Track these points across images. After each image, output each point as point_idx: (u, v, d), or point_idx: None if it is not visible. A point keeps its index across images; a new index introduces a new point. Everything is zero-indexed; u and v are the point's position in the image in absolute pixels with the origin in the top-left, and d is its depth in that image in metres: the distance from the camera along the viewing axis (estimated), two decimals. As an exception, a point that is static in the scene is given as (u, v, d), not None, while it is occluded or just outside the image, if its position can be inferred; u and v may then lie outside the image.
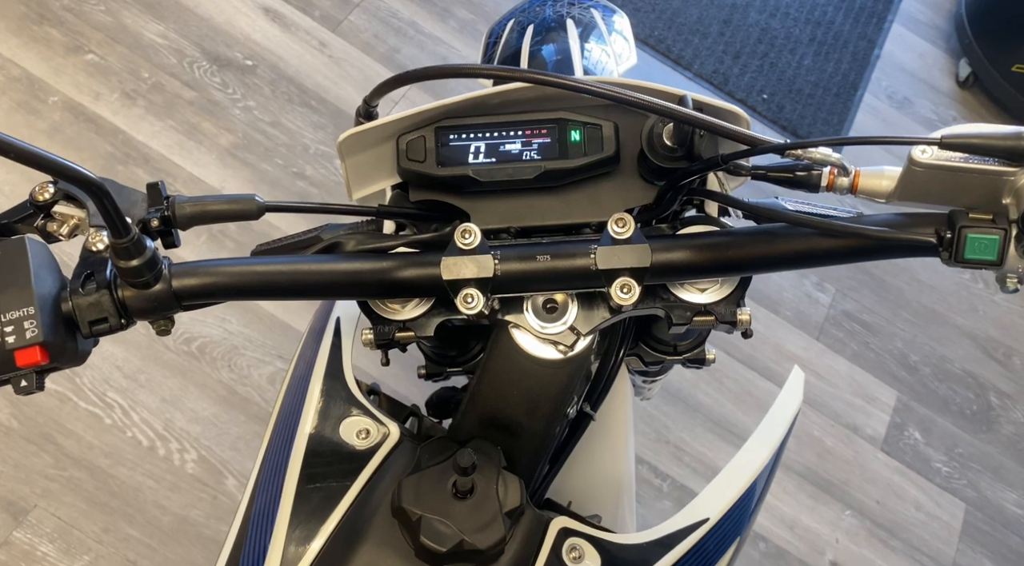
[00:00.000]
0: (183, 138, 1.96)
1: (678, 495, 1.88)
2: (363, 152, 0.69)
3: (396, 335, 0.69)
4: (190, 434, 1.69)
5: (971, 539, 2.01)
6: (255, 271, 0.61)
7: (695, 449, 1.94)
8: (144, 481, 1.64)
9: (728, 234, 0.64)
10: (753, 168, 0.64)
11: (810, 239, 0.62)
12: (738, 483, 0.77)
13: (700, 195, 0.69)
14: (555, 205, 0.69)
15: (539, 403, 0.71)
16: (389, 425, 0.73)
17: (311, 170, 2.00)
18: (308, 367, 0.79)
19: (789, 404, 0.84)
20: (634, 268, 0.62)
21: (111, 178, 0.64)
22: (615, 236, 0.62)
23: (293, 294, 0.64)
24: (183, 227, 0.63)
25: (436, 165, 0.67)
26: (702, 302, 0.68)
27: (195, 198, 0.64)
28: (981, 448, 2.13)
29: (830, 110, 2.52)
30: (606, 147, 0.67)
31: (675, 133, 0.64)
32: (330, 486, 0.69)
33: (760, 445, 0.80)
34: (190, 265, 0.61)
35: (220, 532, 1.64)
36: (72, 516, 1.58)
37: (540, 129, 0.67)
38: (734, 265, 0.64)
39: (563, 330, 0.67)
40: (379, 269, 0.64)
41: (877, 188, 0.62)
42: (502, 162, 0.67)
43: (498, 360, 0.70)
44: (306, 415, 0.74)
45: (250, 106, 2.04)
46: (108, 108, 1.95)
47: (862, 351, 2.18)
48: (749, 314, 0.67)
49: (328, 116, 2.08)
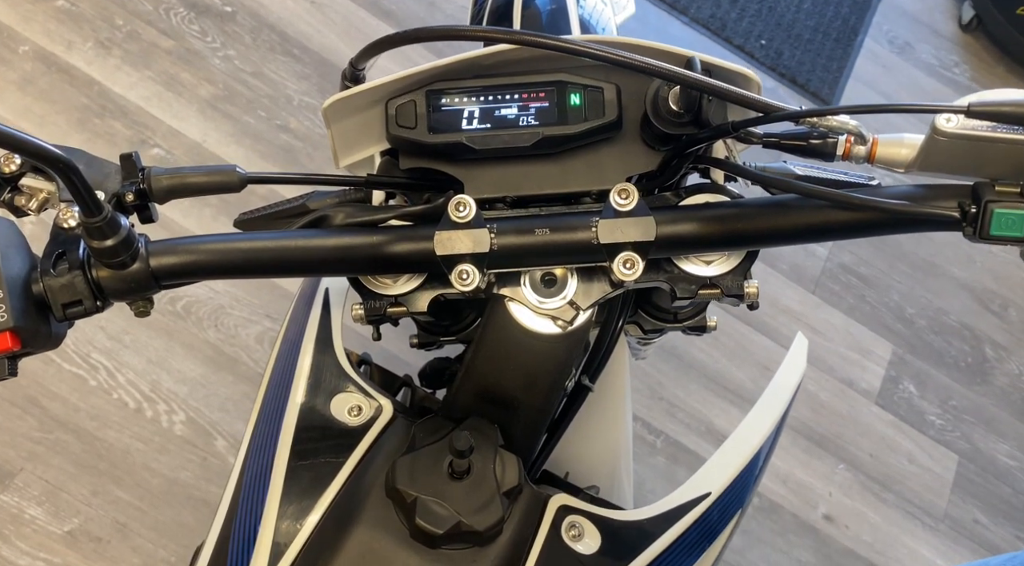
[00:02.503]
0: (161, 89, 1.89)
1: (672, 452, 1.87)
2: (350, 118, 0.64)
3: (387, 310, 0.65)
4: (178, 395, 1.66)
5: (962, 491, 2.02)
6: (238, 248, 0.58)
7: (689, 405, 1.93)
8: (132, 443, 1.61)
9: (737, 205, 0.60)
10: (765, 135, 0.60)
11: (824, 211, 0.58)
12: (740, 456, 0.74)
13: (707, 163, 0.66)
14: (553, 173, 0.65)
15: (536, 378, 0.68)
16: (382, 401, 0.70)
17: (295, 122, 1.94)
18: (297, 338, 0.75)
19: (792, 372, 0.81)
20: (638, 242, 0.58)
21: (81, 149, 0.60)
22: (618, 208, 0.58)
23: (278, 271, 0.60)
24: (160, 201, 0.59)
25: (427, 131, 0.63)
26: (708, 275, 0.64)
27: (172, 170, 0.59)
28: (975, 400, 2.13)
29: (829, 56, 2.46)
30: (607, 112, 0.63)
31: (682, 97, 0.60)
32: (321, 464, 0.67)
33: (763, 416, 0.77)
34: (169, 243, 0.57)
35: (211, 494, 1.62)
36: (60, 479, 1.56)
37: (538, 92, 0.63)
38: (744, 238, 0.60)
39: (562, 305, 0.63)
40: (369, 244, 0.60)
41: (896, 157, 0.58)
42: (497, 128, 0.63)
43: (494, 334, 0.67)
44: (296, 390, 0.70)
45: (230, 55, 1.97)
46: (82, 58, 1.87)
47: (858, 304, 2.16)
48: (757, 286, 0.64)
49: (312, 66, 2.01)
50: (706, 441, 1.90)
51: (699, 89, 0.56)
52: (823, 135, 0.58)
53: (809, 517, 1.90)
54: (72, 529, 1.53)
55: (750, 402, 1.97)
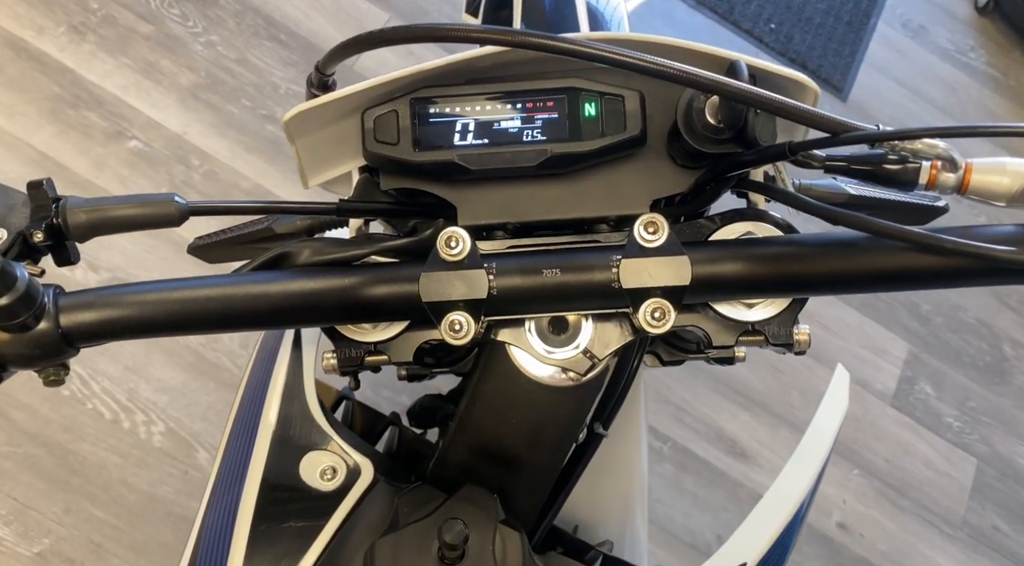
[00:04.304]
0: (139, 78, 1.78)
1: (679, 459, 1.78)
2: (319, 131, 0.54)
3: (365, 360, 0.55)
4: (157, 405, 1.56)
5: (981, 496, 1.94)
6: (175, 299, 0.47)
7: (697, 409, 1.83)
8: (108, 457, 1.51)
9: (791, 243, 0.50)
10: (827, 158, 0.49)
11: (903, 254, 0.47)
12: (779, 517, 0.64)
13: (753, 188, 0.55)
14: (563, 195, 0.55)
15: (543, 433, 0.58)
16: (360, 461, 0.60)
17: (282, 112, 1.82)
18: (263, 381, 0.65)
19: (834, 413, 0.72)
20: (669, 287, 0.48)
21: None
22: (644, 244, 0.48)
23: (227, 325, 0.49)
24: (80, 239, 0.49)
25: (412, 148, 0.53)
26: (750, 319, 0.54)
27: (95, 201, 0.49)
28: (994, 401, 2.04)
29: (841, 40, 2.35)
30: (629, 125, 0.52)
31: (723, 110, 0.50)
32: (288, 541, 0.57)
33: (802, 468, 0.67)
34: (87, 295, 0.47)
35: (192, 510, 1.52)
36: (29, 496, 1.46)
37: (545, 101, 0.52)
38: (800, 283, 0.50)
39: (574, 355, 0.53)
40: (340, 288, 0.50)
41: (996, 188, 0.46)
42: (497, 145, 0.52)
43: (492, 382, 0.57)
44: (259, 447, 0.60)
45: (213, 41, 1.86)
46: (54, 44, 1.76)
47: (872, 301, 2.06)
48: (808, 333, 0.54)
49: (299, 51, 1.90)
50: (715, 447, 1.81)
51: (749, 103, 0.46)
52: (902, 159, 0.47)
53: (823, 525, 1.82)
54: (42, 550, 1.44)
55: (760, 406, 1.90)
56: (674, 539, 1.71)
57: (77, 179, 1.67)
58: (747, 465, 1.82)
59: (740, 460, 1.82)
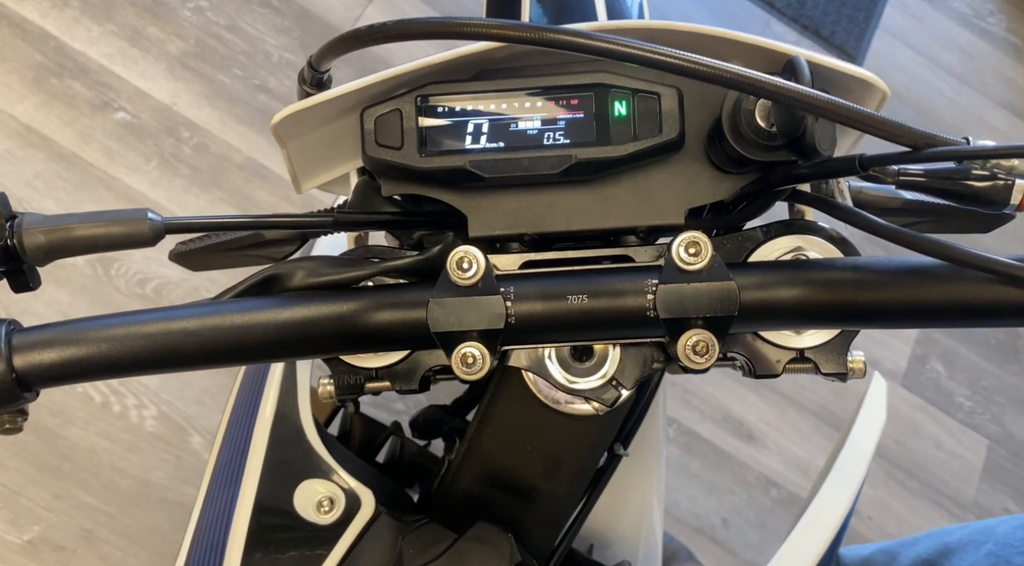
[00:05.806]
0: (126, 45, 1.70)
1: (685, 441, 1.74)
2: (312, 132, 0.48)
3: (366, 387, 0.50)
4: (148, 388, 1.51)
5: (992, 477, 1.90)
6: (147, 334, 0.41)
7: (703, 390, 1.79)
8: (98, 442, 1.47)
9: (854, 268, 0.43)
10: (900, 172, 0.43)
11: (991, 287, 0.40)
12: (818, 542, 0.59)
13: (808, 203, 0.48)
14: (587, 203, 0.48)
15: (562, 463, 0.53)
16: (359, 491, 0.55)
17: (274, 82, 1.76)
18: (253, 399, 0.60)
19: (872, 428, 0.66)
20: (713, 318, 0.42)
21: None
22: (684, 267, 0.42)
23: (209, 361, 0.43)
24: (39, 262, 0.43)
25: (418, 153, 0.46)
26: (799, 347, 0.48)
27: (56, 219, 0.43)
28: (1006, 380, 2.00)
29: (855, 5, 2.26)
30: (666, 127, 0.46)
31: (778, 113, 0.43)
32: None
33: (840, 488, 0.62)
34: (46, 332, 0.41)
35: (186, 495, 1.48)
36: (18, 483, 1.42)
37: (569, 99, 0.46)
38: (865, 314, 0.43)
39: (600, 385, 0.48)
40: (337, 316, 0.44)
41: None
42: (514, 149, 0.46)
43: (505, 406, 0.52)
44: (248, 477, 0.55)
45: (202, 7, 1.77)
46: (36, 9, 1.68)
47: (884, 279, 2.01)
48: (863, 361, 0.48)
49: (293, 18, 1.82)
50: (722, 429, 1.77)
51: (815, 113, 0.39)
52: (991, 175, 0.41)
53: (830, 509, 1.78)
54: (32, 538, 1.40)
55: (768, 386, 1.85)
56: (679, 523, 1.67)
57: (62, 152, 1.60)
58: (754, 447, 1.78)
59: (747, 442, 1.78)
